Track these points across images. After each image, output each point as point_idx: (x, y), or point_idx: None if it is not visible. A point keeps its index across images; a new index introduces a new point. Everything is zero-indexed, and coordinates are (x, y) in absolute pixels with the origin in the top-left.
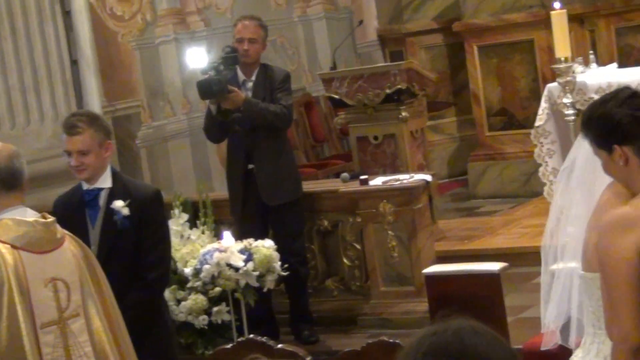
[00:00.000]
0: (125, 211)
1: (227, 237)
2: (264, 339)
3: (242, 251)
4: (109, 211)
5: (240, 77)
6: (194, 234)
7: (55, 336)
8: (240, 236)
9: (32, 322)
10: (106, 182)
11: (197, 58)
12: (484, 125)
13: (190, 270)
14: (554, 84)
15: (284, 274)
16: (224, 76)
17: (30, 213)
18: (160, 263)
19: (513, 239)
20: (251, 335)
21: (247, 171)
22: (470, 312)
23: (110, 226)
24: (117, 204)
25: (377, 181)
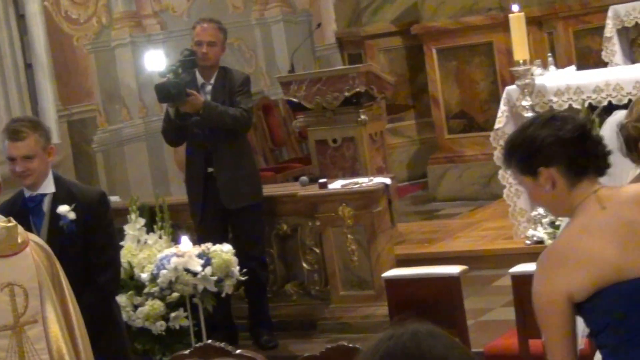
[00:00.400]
0: (72, 215)
1: (185, 242)
2: (222, 344)
3: (200, 256)
4: (54, 216)
5: (199, 80)
6: (150, 238)
7: (10, 341)
8: (200, 240)
9: None
10: (49, 188)
11: (154, 61)
12: (443, 128)
13: (147, 275)
14: (513, 86)
15: (243, 278)
16: (183, 79)
17: None
18: (110, 265)
19: (473, 242)
20: (209, 340)
21: (206, 174)
22: (430, 315)
23: (56, 231)
24: (62, 208)
25: (336, 184)
